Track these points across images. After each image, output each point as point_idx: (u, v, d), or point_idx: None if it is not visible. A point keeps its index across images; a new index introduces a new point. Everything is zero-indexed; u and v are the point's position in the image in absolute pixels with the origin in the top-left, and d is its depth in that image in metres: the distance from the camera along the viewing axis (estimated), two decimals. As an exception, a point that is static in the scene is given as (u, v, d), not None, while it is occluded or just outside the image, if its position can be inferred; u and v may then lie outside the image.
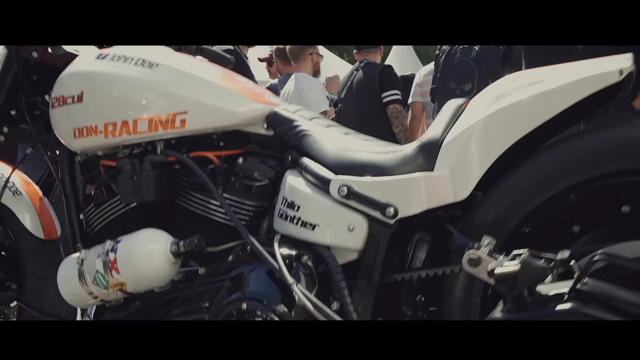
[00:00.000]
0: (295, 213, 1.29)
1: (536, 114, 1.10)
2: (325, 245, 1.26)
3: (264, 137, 1.47)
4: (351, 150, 1.31)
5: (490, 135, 1.14)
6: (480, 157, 1.15)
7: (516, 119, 1.13)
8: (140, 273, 1.34)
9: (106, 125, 1.49)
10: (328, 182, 1.26)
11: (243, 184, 1.45)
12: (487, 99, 1.19)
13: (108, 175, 1.58)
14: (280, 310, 1.20)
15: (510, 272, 0.93)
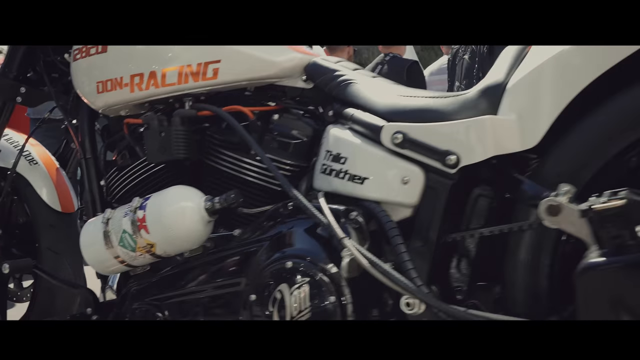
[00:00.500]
0: (342, 166, 1.17)
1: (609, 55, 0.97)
2: (375, 200, 1.14)
3: (302, 90, 1.36)
4: (404, 97, 1.19)
5: (564, 73, 1.02)
6: (552, 99, 1.03)
7: (596, 54, 1.00)
8: (172, 232, 1.23)
9: (132, 77, 1.38)
10: (379, 129, 1.14)
11: (279, 142, 1.34)
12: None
13: (132, 136, 1.47)
14: (329, 267, 1.08)
15: (616, 206, 0.81)
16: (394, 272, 1.02)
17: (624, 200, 0.82)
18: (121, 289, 1.41)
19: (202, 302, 1.26)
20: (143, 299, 1.33)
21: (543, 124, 1.03)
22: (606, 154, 1.01)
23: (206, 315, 1.25)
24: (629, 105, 1.00)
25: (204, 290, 1.26)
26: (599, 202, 0.86)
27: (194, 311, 1.27)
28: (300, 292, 1.08)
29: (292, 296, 1.08)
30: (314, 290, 1.07)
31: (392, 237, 1.07)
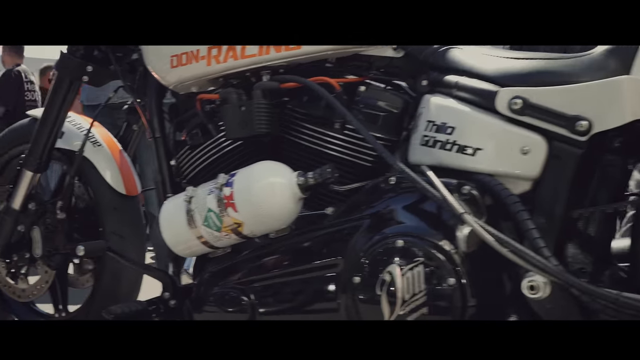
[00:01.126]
0: (448, 137, 1.07)
1: None
2: (489, 172, 1.03)
3: (390, 60, 1.26)
4: (517, 59, 1.08)
5: None
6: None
7: None
8: (262, 210, 1.14)
9: (210, 50, 1.29)
10: (494, 95, 1.03)
11: (366, 114, 1.24)
12: None
13: (205, 113, 1.39)
14: (445, 245, 0.98)
15: None
16: (528, 250, 0.91)
17: None
18: (198, 272, 1.33)
19: (293, 285, 1.16)
20: (224, 283, 1.25)
21: None
22: None
23: (297, 298, 1.16)
24: None
25: (295, 272, 1.16)
26: None
27: (284, 295, 1.18)
28: (413, 273, 0.98)
29: (404, 278, 0.98)
30: (429, 270, 0.97)
31: (516, 212, 0.97)
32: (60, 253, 1.73)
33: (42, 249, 1.71)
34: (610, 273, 1.01)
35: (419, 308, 0.97)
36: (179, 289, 1.34)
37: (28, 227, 1.73)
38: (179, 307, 1.31)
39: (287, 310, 1.17)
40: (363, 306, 1.03)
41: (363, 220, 1.09)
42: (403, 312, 0.98)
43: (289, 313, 1.17)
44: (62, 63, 1.63)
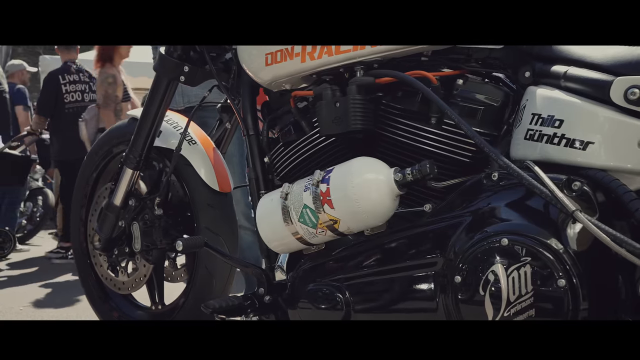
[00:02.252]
0: (556, 130, 1.02)
1: None
2: (602, 167, 0.97)
3: (490, 51, 1.21)
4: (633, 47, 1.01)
5: None
6: None
7: None
8: (359, 207, 1.12)
9: (304, 47, 1.29)
10: (608, 84, 0.97)
11: (465, 109, 1.20)
12: None
13: (299, 110, 1.39)
14: (554, 243, 0.93)
15: None
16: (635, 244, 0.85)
17: None
18: (292, 268, 1.33)
19: (389, 284, 1.14)
20: (319, 280, 1.24)
21: None
22: None
23: (393, 297, 1.13)
24: None
25: (391, 271, 1.14)
26: None
27: (379, 293, 1.16)
28: (519, 273, 0.93)
29: (509, 278, 0.94)
30: (537, 271, 0.93)
31: (635, 210, 0.90)
32: (158, 248, 1.79)
33: (140, 243, 1.78)
34: None
35: (526, 310, 0.92)
36: (274, 285, 1.34)
37: (128, 223, 1.81)
38: (273, 303, 1.32)
39: (382, 309, 1.15)
40: (465, 307, 1.00)
41: (464, 217, 1.05)
42: (508, 313, 0.93)
43: (384, 312, 1.15)
44: (160, 63, 1.68)
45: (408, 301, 1.12)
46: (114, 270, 1.95)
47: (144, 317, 1.96)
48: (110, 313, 2.02)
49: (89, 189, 2.03)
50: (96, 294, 2.03)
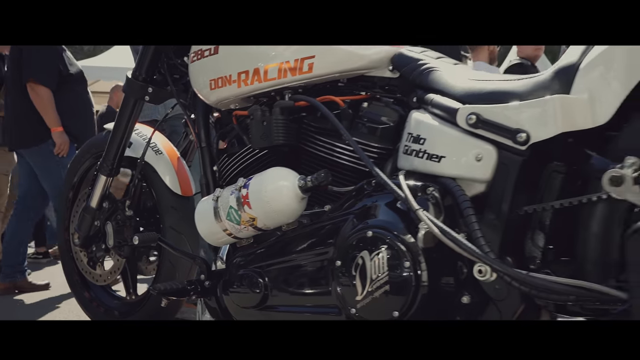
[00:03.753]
0: (421, 146, 1.28)
1: None
2: (451, 176, 1.23)
3: (389, 80, 1.47)
4: (480, 80, 1.28)
5: (634, 54, 1.06)
6: (623, 78, 1.07)
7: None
8: (270, 207, 1.39)
9: (239, 75, 1.56)
10: (455, 111, 1.23)
11: (368, 127, 1.46)
12: None
13: (240, 125, 1.66)
14: (407, 237, 1.19)
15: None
16: (465, 241, 1.11)
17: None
18: (229, 259, 1.60)
19: (298, 269, 1.41)
20: (247, 267, 1.51)
21: (614, 102, 1.08)
22: None
23: (300, 280, 1.40)
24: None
25: (299, 259, 1.41)
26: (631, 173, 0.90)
27: (290, 277, 1.43)
28: (379, 258, 1.20)
29: (372, 262, 1.21)
30: (391, 257, 1.19)
31: (464, 209, 1.16)
32: (128, 244, 2.06)
33: (113, 240, 2.05)
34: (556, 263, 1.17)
35: (383, 285, 1.18)
36: (213, 272, 1.61)
37: (103, 223, 2.08)
38: (212, 287, 1.59)
39: (292, 291, 1.42)
40: (342, 285, 1.26)
41: (349, 215, 1.31)
42: (371, 289, 1.20)
43: (293, 294, 1.42)
44: (127, 85, 1.96)
45: (310, 284, 1.39)
46: (92, 265, 2.23)
47: (119, 305, 2.22)
48: (90, 302, 2.29)
49: (72, 193, 2.30)
50: (77, 286, 2.30)
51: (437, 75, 1.35)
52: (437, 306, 1.19)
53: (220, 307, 1.57)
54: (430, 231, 1.15)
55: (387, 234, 1.20)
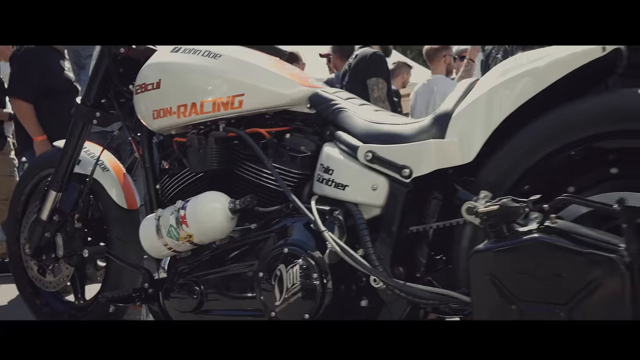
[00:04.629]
0: (330, 176, 1.54)
1: (524, 90, 1.30)
2: (353, 202, 1.50)
3: (307, 115, 1.72)
4: (377, 123, 1.55)
5: (492, 106, 1.35)
6: (484, 125, 1.35)
7: (515, 91, 1.32)
8: (205, 226, 1.63)
9: (179, 107, 1.78)
10: (356, 148, 1.50)
11: (289, 155, 1.71)
12: (493, 76, 1.39)
13: (180, 150, 1.88)
14: (315, 253, 1.46)
15: (490, 210, 1.15)
16: (359, 257, 1.38)
17: (497, 206, 1.15)
18: (170, 269, 1.83)
19: (228, 278, 1.66)
20: (186, 277, 1.75)
21: (477, 144, 1.36)
22: (523, 167, 1.34)
23: (231, 288, 1.65)
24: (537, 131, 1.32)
25: (230, 269, 1.66)
26: (483, 205, 1.19)
27: (222, 285, 1.67)
28: (293, 271, 1.46)
29: (287, 273, 1.46)
30: (303, 269, 1.45)
31: (362, 230, 1.43)
32: (77, 254, 2.25)
33: (63, 251, 2.24)
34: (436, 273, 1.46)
35: (297, 293, 1.45)
36: (155, 281, 1.84)
37: (53, 234, 2.26)
38: (154, 294, 1.81)
39: (223, 299, 1.66)
40: (264, 292, 1.52)
41: (271, 233, 1.57)
42: (287, 295, 1.46)
43: (225, 300, 1.66)
44: (76, 110, 2.15)
45: (239, 291, 1.64)
46: (42, 273, 2.40)
47: (68, 309, 2.41)
48: (40, 308, 2.46)
49: (22, 206, 2.47)
50: (28, 292, 2.47)
51: (345, 115, 1.62)
52: (341, 309, 1.46)
53: (162, 311, 1.80)
54: (334, 250, 1.42)
55: (300, 251, 1.46)
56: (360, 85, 3.99)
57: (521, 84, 1.32)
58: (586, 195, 1.30)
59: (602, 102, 1.27)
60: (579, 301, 1.03)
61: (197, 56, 1.79)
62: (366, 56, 4.08)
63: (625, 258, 1.02)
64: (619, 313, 1.01)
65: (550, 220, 1.11)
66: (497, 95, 1.35)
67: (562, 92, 1.33)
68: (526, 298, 1.08)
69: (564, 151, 1.31)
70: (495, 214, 1.14)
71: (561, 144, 1.30)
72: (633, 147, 1.27)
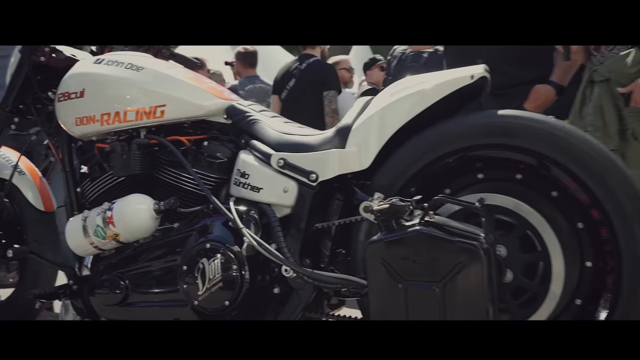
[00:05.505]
0: (246, 180, 1.75)
1: (410, 109, 1.58)
2: (267, 203, 1.72)
3: (224, 125, 1.92)
4: (287, 134, 1.77)
5: (385, 121, 1.61)
6: (378, 137, 1.62)
7: (403, 109, 1.60)
8: (130, 226, 1.78)
9: (102, 115, 1.92)
10: (270, 156, 1.72)
11: (207, 161, 1.89)
12: (385, 95, 1.66)
13: (101, 155, 2.01)
14: (234, 248, 1.66)
15: (382, 208, 1.41)
16: (274, 250, 1.60)
17: (388, 205, 1.41)
18: (94, 267, 1.96)
19: (152, 273, 1.82)
20: (110, 273, 1.89)
21: (372, 153, 1.62)
22: (409, 172, 1.61)
23: (155, 281, 1.81)
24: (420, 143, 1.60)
25: (153, 265, 1.82)
26: (376, 204, 1.45)
27: (146, 279, 1.83)
28: (215, 263, 1.65)
29: (209, 266, 1.66)
30: (223, 262, 1.65)
31: (275, 227, 1.66)
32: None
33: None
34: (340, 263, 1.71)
35: (218, 283, 1.64)
36: (80, 278, 1.96)
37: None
38: (79, 291, 1.93)
39: (148, 289, 1.82)
40: (187, 283, 1.70)
41: (193, 231, 1.76)
42: (209, 286, 1.65)
43: (149, 293, 1.82)
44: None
45: (162, 284, 1.81)
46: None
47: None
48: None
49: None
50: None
51: (259, 126, 1.83)
52: (257, 296, 1.67)
53: (87, 306, 1.92)
54: (250, 244, 1.63)
55: (221, 246, 1.66)
56: (312, 94, 4.24)
57: (408, 103, 1.60)
58: (459, 195, 1.61)
59: (471, 121, 1.58)
60: (450, 279, 1.31)
61: (120, 68, 1.93)
62: (321, 68, 4.32)
63: (483, 245, 1.31)
64: (478, 287, 1.29)
65: (429, 216, 1.38)
66: (388, 112, 1.61)
67: (442, 110, 1.62)
68: (410, 278, 1.35)
69: (442, 160, 1.60)
70: (386, 211, 1.40)
71: (439, 154, 1.59)
72: (495, 157, 1.59)
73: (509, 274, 1.49)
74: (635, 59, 2.04)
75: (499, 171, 1.61)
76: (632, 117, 2.06)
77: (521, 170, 1.58)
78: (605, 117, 2.09)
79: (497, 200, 1.53)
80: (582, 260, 1.51)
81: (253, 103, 1.98)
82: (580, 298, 1.52)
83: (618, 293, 1.42)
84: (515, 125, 1.51)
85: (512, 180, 1.58)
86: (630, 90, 2.04)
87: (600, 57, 2.17)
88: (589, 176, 1.44)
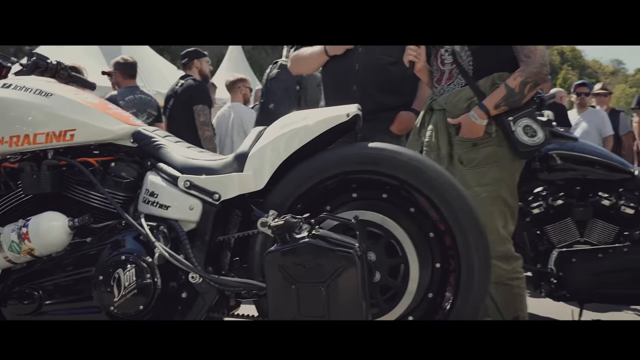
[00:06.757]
0: (155, 199, 1.99)
1: (297, 140, 1.91)
2: (175, 219, 1.97)
3: (130, 148, 2.14)
4: (192, 158, 2.04)
5: (276, 150, 1.93)
6: (270, 163, 1.93)
7: (291, 140, 1.93)
8: (46, 241, 1.95)
9: (11, 137, 2.06)
10: (177, 178, 1.98)
11: (115, 180, 2.10)
12: (277, 127, 1.98)
13: (8, 174, 2.15)
14: (147, 258, 1.89)
15: (278, 224, 1.73)
16: (182, 259, 1.86)
17: (283, 221, 1.74)
18: (5, 279, 2.09)
19: (66, 284, 2.00)
20: (23, 284, 2.03)
21: (266, 176, 1.93)
22: (297, 193, 1.94)
23: (69, 292, 1.99)
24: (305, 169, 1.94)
25: (67, 276, 2.00)
26: (272, 221, 1.77)
27: (59, 290, 2.00)
28: (129, 273, 1.88)
29: (125, 276, 1.88)
30: (137, 271, 1.89)
31: (182, 240, 1.92)
32: None
33: None
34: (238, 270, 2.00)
35: (132, 290, 1.87)
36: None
37: None
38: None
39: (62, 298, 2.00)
40: (104, 292, 1.91)
41: (107, 244, 1.97)
42: (124, 293, 1.87)
43: (63, 300, 2.00)
44: None
45: (76, 293, 1.99)
46: None
47: None
48: None
49: None
50: None
51: (165, 151, 2.08)
52: (167, 300, 1.92)
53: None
54: (161, 254, 1.88)
55: (134, 257, 1.89)
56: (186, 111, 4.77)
57: (296, 136, 1.93)
58: (338, 211, 1.98)
59: (347, 151, 1.94)
60: (332, 280, 1.66)
61: (29, 93, 2.09)
62: (192, 85, 4.85)
63: (358, 252, 1.68)
64: (354, 285, 1.66)
65: (315, 230, 1.72)
66: (278, 142, 1.94)
67: (323, 141, 1.97)
68: (301, 280, 1.68)
69: (324, 182, 1.95)
70: (281, 226, 1.72)
71: (321, 177, 1.94)
72: (366, 180, 1.97)
73: (377, 275, 1.87)
74: (467, 96, 2.49)
75: (369, 191, 1.99)
76: (459, 144, 2.51)
77: (387, 191, 1.97)
78: (439, 141, 2.54)
79: (368, 216, 1.91)
80: (433, 262, 1.93)
81: (157, 129, 2.21)
82: (432, 292, 1.94)
83: (458, 287, 1.85)
84: (381, 156, 1.91)
85: (380, 199, 1.97)
86: (459, 122, 2.49)
87: (440, 89, 2.62)
88: (436, 197, 1.86)
